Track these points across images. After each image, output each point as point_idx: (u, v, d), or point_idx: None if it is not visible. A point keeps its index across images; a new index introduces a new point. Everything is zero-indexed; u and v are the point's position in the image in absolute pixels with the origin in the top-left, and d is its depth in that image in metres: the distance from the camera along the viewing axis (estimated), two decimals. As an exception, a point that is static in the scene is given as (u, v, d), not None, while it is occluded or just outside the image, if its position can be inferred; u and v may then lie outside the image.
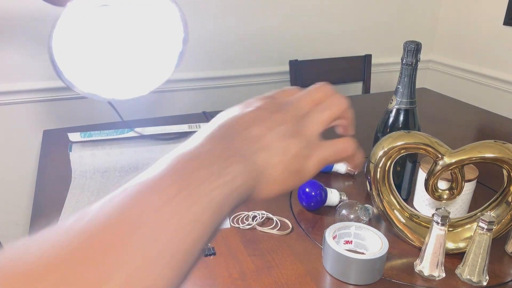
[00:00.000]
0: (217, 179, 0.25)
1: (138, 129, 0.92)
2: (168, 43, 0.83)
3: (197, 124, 0.94)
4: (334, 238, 0.61)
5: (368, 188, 0.66)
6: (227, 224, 0.69)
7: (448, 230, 0.62)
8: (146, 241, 0.21)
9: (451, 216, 0.65)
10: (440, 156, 0.61)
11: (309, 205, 0.73)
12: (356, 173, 0.87)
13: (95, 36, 0.75)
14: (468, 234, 0.64)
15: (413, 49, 0.69)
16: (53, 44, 0.68)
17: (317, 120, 0.34)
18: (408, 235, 0.65)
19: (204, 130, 0.30)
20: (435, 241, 0.57)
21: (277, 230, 0.69)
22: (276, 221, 0.71)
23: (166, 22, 0.79)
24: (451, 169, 0.61)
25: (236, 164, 0.27)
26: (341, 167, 0.86)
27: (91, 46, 0.75)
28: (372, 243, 0.62)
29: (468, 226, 0.64)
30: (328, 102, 0.35)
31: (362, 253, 0.61)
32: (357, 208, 0.69)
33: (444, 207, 0.57)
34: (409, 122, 0.73)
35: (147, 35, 0.79)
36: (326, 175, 0.88)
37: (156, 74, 0.85)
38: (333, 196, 0.74)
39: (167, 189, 0.23)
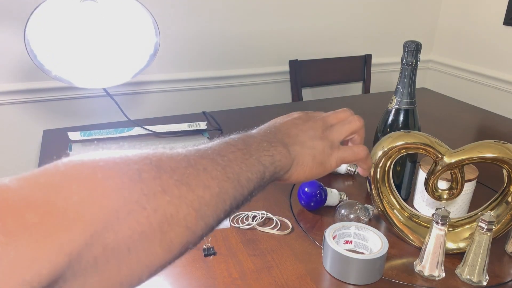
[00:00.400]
0: (265, 150, 0.38)
1: (138, 128, 0.92)
2: (140, 44, 0.84)
3: (197, 122, 0.94)
4: (334, 238, 0.61)
5: (368, 188, 0.66)
6: (227, 224, 0.69)
7: (448, 230, 0.62)
8: (223, 167, 0.33)
9: (451, 216, 0.65)
10: (440, 156, 0.61)
11: (309, 205, 0.73)
12: (356, 173, 0.87)
13: (70, 26, 0.77)
14: (468, 234, 0.64)
15: (413, 49, 0.69)
16: (28, 30, 0.69)
17: (339, 130, 0.46)
18: (408, 235, 0.65)
19: (258, 128, 0.43)
20: (435, 241, 0.57)
21: (277, 230, 0.69)
22: (276, 221, 0.71)
23: (139, 26, 0.82)
24: (451, 169, 0.61)
25: (278, 146, 0.40)
26: (341, 167, 0.86)
27: (66, 35, 0.77)
28: (372, 243, 0.62)
29: (468, 226, 0.64)
30: (349, 120, 0.47)
31: (362, 253, 0.61)
32: (357, 208, 0.69)
33: (444, 207, 0.57)
34: (409, 122, 0.73)
35: (121, 34, 0.82)
36: (326, 175, 0.88)
37: (125, 71, 0.87)
38: (333, 196, 0.74)
39: (237, 144, 0.36)
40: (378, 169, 0.64)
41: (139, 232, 0.26)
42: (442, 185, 0.68)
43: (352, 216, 0.68)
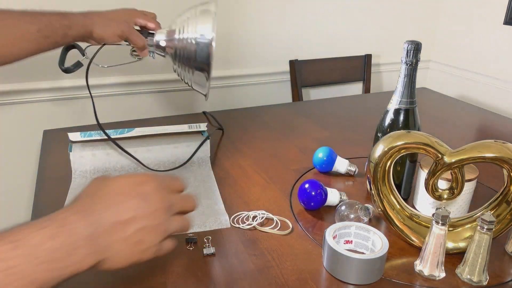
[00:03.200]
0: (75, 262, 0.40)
1: (138, 129, 0.92)
2: None
3: (197, 124, 0.94)
4: (334, 238, 0.61)
5: (368, 188, 0.66)
6: (227, 224, 0.69)
7: (448, 230, 0.62)
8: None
9: (451, 216, 0.65)
10: (440, 156, 0.61)
11: (309, 205, 0.73)
12: (356, 173, 0.87)
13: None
14: (468, 234, 0.64)
15: (413, 49, 0.69)
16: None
17: (177, 226, 0.48)
18: (408, 235, 0.65)
19: (84, 200, 0.44)
20: (435, 241, 0.57)
21: (277, 230, 0.69)
22: (276, 221, 0.71)
23: None
24: (451, 169, 0.62)
25: (89, 254, 0.41)
26: (341, 167, 0.86)
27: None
28: (372, 243, 0.62)
29: (468, 226, 0.64)
30: (185, 222, 0.50)
31: (362, 253, 0.61)
32: (357, 208, 0.69)
33: (444, 207, 0.57)
34: (409, 122, 0.73)
35: None
36: (326, 175, 0.88)
37: None
38: (333, 196, 0.74)
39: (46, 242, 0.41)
40: (378, 169, 0.64)
41: None
42: (442, 185, 0.68)
43: (352, 216, 0.68)
